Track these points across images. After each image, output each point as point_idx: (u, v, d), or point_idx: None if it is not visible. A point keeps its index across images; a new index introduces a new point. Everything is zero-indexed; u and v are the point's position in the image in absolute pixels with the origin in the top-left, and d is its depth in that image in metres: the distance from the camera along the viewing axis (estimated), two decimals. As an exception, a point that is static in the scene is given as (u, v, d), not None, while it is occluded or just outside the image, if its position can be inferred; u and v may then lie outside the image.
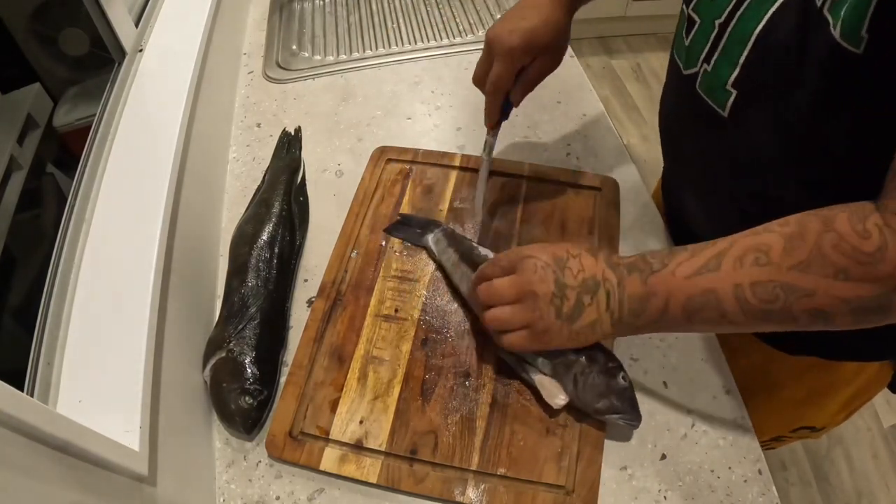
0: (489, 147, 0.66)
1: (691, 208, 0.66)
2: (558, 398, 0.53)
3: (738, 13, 0.46)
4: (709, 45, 0.50)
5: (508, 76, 0.60)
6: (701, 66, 0.51)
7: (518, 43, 0.58)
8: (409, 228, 0.70)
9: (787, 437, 0.78)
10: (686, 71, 0.54)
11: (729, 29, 0.48)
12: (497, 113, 0.63)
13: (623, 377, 0.52)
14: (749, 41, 0.46)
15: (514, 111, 0.64)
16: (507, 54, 0.58)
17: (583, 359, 0.53)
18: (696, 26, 0.52)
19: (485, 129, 0.84)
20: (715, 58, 0.49)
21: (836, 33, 0.38)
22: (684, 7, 0.54)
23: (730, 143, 0.52)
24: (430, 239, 0.68)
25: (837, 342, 0.59)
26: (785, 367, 0.65)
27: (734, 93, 0.49)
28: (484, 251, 0.63)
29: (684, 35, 0.54)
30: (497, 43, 0.58)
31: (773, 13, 0.44)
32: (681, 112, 0.59)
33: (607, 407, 0.52)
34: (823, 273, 0.38)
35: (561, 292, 0.48)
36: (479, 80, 0.62)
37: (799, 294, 0.39)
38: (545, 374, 0.54)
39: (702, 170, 0.59)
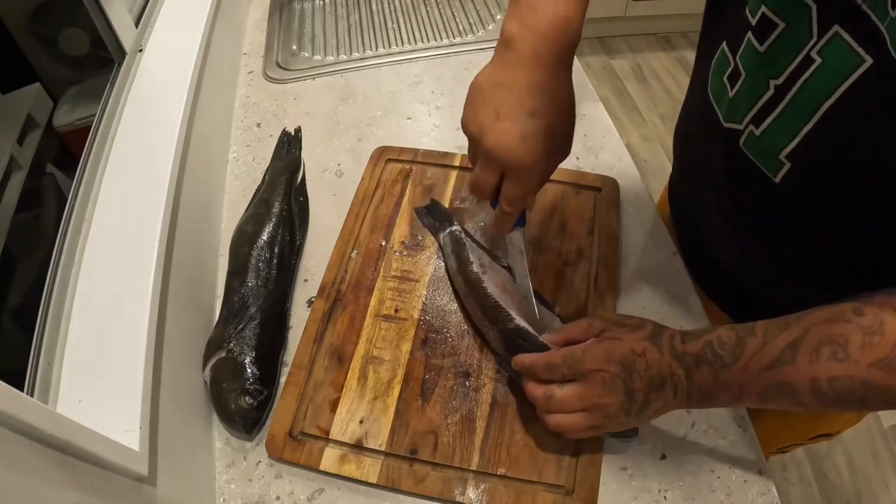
0: (518, 244, 0.57)
1: (711, 231, 0.63)
2: None
3: (803, 78, 0.40)
4: (759, 106, 0.44)
5: (531, 195, 0.50)
6: (747, 126, 0.46)
7: (541, 161, 0.47)
8: (430, 218, 0.71)
9: (803, 444, 0.78)
10: (727, 124, 0.49)
11: (790, 95, 0.42)
12: (511, 226, 0.53)
13: None
14: (815, 114, 0.40)
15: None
16: (526, 175, 0.47)
17: None
18: (742, 79, 0.46)
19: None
20: (768, 123, 0.44)
21: None
22: (726, 49, 0.47)
23: (776, 204, 0.49)
24: (440, 238, 0.68)
25: None
26: None
27: (788, 164, 0.44)
28: (477, 269, 0.62)
29: (727, 82, 0.48)
30: (510, 160, 0.46)
31: (848, 89, 0.38)
32: (715, 150, 0.53)
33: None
34: None
35: (630, 398, 0.47)
36: (486, 192, 0.50)
37: (877, 389, 0.38)
38: None
39: (734, 206, 0.55)
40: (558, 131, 0.47)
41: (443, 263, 0.67)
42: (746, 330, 0.44)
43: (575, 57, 0.95)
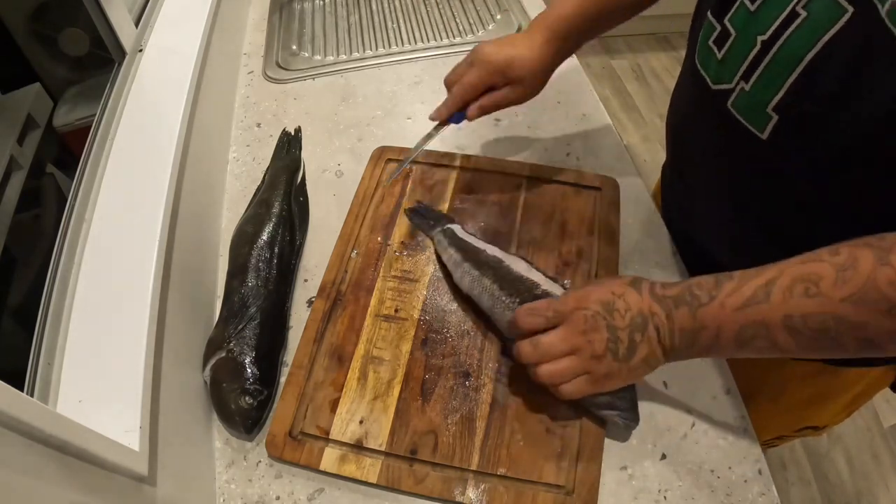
0: (427, 138, 0.69)
1: (699, 212, 0.65)
2: None
3: (787, 33, 0.43)
4: (748, 62, 0.46)
5: (477, 86, 0.63)
6: (737, 83, 0.48)
7: (498, 62, 0.61)
8: (422, 217, 0.71)
9: (790, 437, 0.79)
10: (716, 86, 0.51)
11: (775, 48, 0.44)
12: (448, 112, 0.66)
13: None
14: (798, 66, 0.43)
15: (468, 121, 0.66)
16: (484, 67, 0.62)
17: None
18: (732, 39, 0.48)
19: (485, 129, 0.84)
20: (755, 77, 0.46)
21: None
22: (711, 17, 0.50)
23: (765, 164, 0.50)
24: (436, 235, 0.68)
25: None
26: (789, 371, 0.65)
27: (775, 117, 0.46)
28: (485, 252, 0.62)
29: (713, 45, 0.50)
30: (480, 54, 0.62)
31: (832, 36, 0.40)
32: (704, 125, 0.56)
33: (607, 402, 0.52)
34: (876, 308, 0.38)
35: (614, 336, 0.48)
36: (451, 81, 0.65)
37: (850, 325, 0.39)
38: None
39: (724, 181, 0.57)
40: (518, 64, 0.62)
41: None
42: (725, 275, 0.45)
43: (575, 56, 0.95)
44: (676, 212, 0.71)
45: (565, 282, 0.61)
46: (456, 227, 0.67)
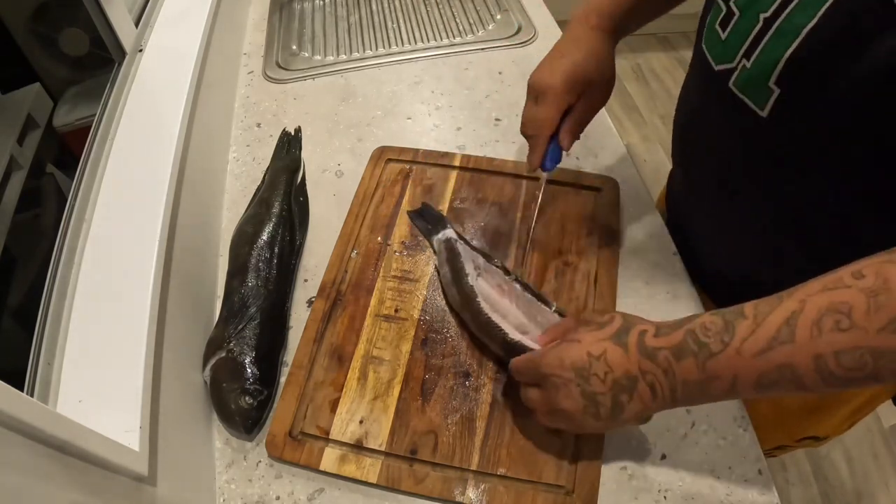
0: (541, 187, 0.64)
1: (701, 205, 0.64)
2: None
3: (789, 8, 0.43)
4: (750, 39, 0.46)
5: (551, 119, 0.56)
6: (739, 61, 0.48)
7: (560, 82, 0.55)
8: (423, 221, 0.70)
9: (791, 446, 0.78)
10: (718, 66, 0.50)
11: (777, 23, 0.44)
12: (540, 157, 0.58)
13: None
14: (799, 36, 0.42)
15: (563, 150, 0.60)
16: (548, 95, 0.56)
17: None
18: (736, 19, 0.48)
19: (485, 129, 0.84)
20: (756, 53, 0.46)
21: None
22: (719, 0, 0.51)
23: (768, 144, 0.49)
24: (434, 242, 0.68)
25: None
26: None
27: (777, 91, 0.45)
28: (472, 280, 0.61)
29: (718, 28, 0.50)
30: (539, 84, 0.56)
31: (829, 7, 0.40)
32: (707, 110, 0.56)
33: None
34: None
35: (593, 402, 0.45)
36: (525, 126, 0.59)
37: (891, 357, 0.35)
38: None
39: (725, 168, 0.56)
40: (581, 68, 0.57)
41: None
42: (734, 313, 0.40)
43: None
44: (679, 210, 0.71)
45: (553, 306, 0.59)
46: (453, 237, 0.66)
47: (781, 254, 0.56)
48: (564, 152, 0.59)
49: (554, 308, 0.59)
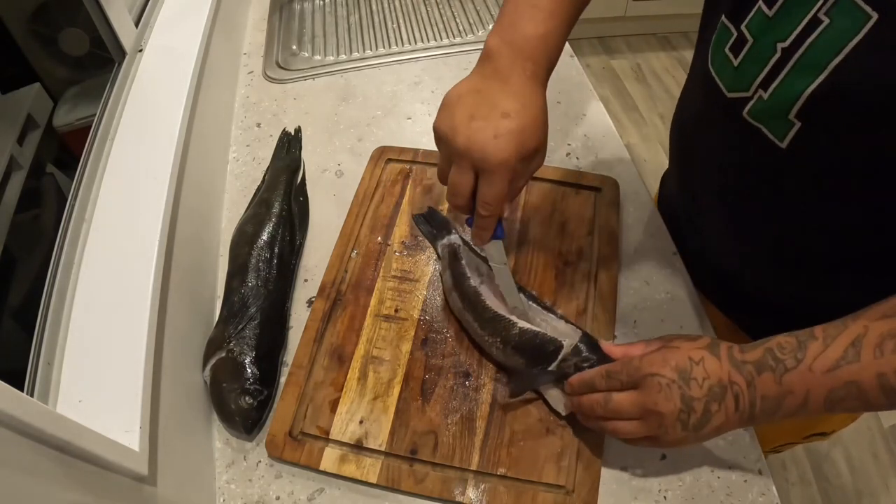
0: (498, 257, 0.56)
1: (705, 223, 0.63)
2: (563, 408, 0.54)
3: (809, 39, 0.41)
4: (768, 69, 0.44)
5: (505, 197, 0.48)
6: (755, 91, 0.46)
7: (513, 158, 0.46)
8: (428, 226, 0.70)
9: (798, 443, 0.78)
10: (731, 94, 0.49)
11: (797, 55, 0.42)
12: (492, 233, 0.52)
13: None
14: (824, 71, 0.41)
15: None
16: (500, 173, 0.46)
17: (587, 368, 0.52)
18: (749, 46, 0.46)
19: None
20: (775, 85, 0.44)
21: None
22: (726, 21, 0.48)
23: (782, 174, 0.48)
24: (439, 248, 0.67)
25: None
26: None
27: (797, 124, 0.44)
28: (475, 282, 0.60)
29: (729, 53, 0.48)
30: (486, 160, 0.46)
31: (855, 46, 0.39)
32: (716, 133, 0.54)
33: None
34: None
35: (688, 407, 0.45)
36: (462, 196, 0.48)
37: None
38: (551, 383, 0.54)
39: (733, 192, 0.55)
40: (529, 135, 0.47)
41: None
42: (806, 334, 0.43)
43: (575, 57, 0.95)
44: (673, 209, 0.71)
45: (559, 312, 0.60)
46: (457, 243, 0.66)
47: (773, 264, 0.56)
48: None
49: (560, 315, 0.59)
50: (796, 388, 0.42)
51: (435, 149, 0.49)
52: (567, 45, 0.95)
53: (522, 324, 0.55)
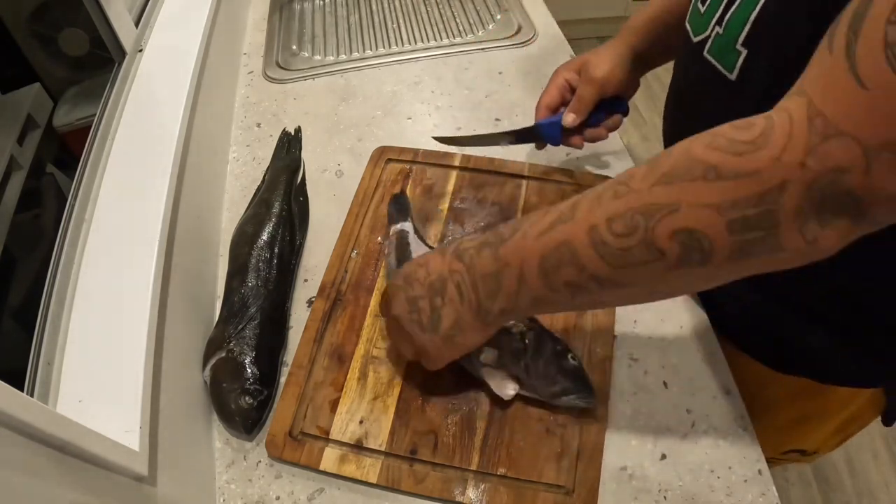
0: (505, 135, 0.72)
1: None
2: (508, 389, 0.54)
3: None
4: (722, 7, 0.48)
5: (548, 92, 0.67)
6: (713, 29, 0.49)
7: (561, 66, 0.66)
8: (393, 207, 0.70)
9: (777, 460, 0.76)
10: (696, 37, 0.52)
11: None
12: (540, 116, 0.69)
13: (572, 357, 0.53)
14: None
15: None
16: (551, 77, 0.67)
17: (529, 346, 0.53)
18: None
19: (485, 129, 0.84)
20: (727, 18, 0.47)
21: None
22: None
23: (738, 109, 0.49)
24: (390, 231, 0.67)
25: (828, 362, 0.59)
26: (777, 388, 0.63)
27: (744, 52, 0.46)
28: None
29: (698, 3, 0.52)
30: (588, 69, 0.64)
31: None
32: (689, 83, 0.57)
33: (561, 390, 0.52)
34: (689, 177, 0.31)
35: (413, 306, 0.46)
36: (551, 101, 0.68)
37: (661, 213, 0.31)
38: (492, 367, 0.54)
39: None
40: (581, 58, 0.68)
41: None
42: (541, 210, 0.40)
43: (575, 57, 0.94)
44: None
45: None
46: (407, 230, 0.66)
47: None
48: (565, 126, 0.66)
49: None
50: (511, 258, 0.39)
51: (434, 149, 0.52)
52: (567, 45, 0.96)
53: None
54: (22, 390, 0.39)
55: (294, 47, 1.00)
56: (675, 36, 0.62)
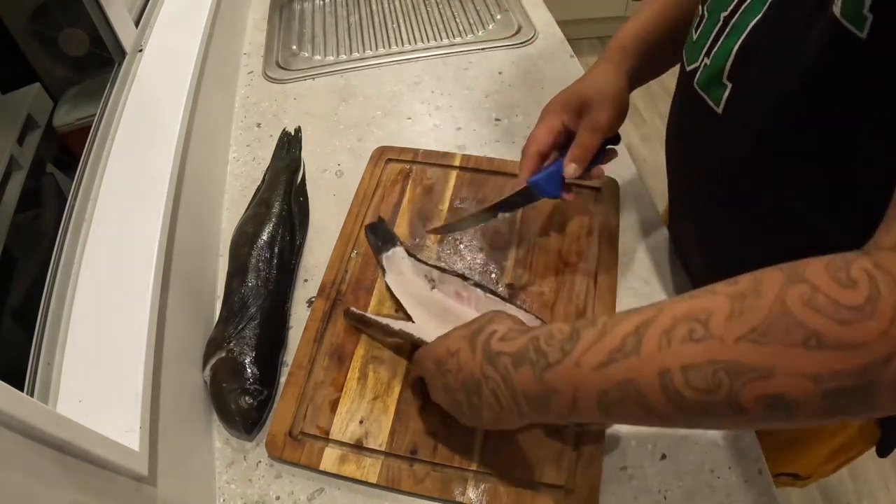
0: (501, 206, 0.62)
1: (686, 222, 0.64)
2: None
3: (744, 5, 0.45)
4: (711, 38, 0.48)
5: (540, 135, 0.57)
6: (702, 60, 0.49)
7: (555, 102, 0.58)
8: (374, 237, 0.69)
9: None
10: (688, 67, 0.52)
11: (733, 21, 0.46)
12: (525, 171, 0.58)
13: None
14: (746, 29, 0.44)
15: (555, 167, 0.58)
16: (543, 115, 0.58)
17: None
18: (704, 21, 0.50)
19: (485, 129, 0.84)
20: (715, 49, 0.47)
21: (837, 10, 0.33)
22: (700, 6, 0.52)
23: (726, 146, 0.49)
24: (381, 259, 0.67)
25: None
26: None
27: (729, 86, 0.46)
28: (424, 284, 0.63)
29: (692, 31, 0.52)
30: (543, 110, 0.59)
31: (773, 1, 0.41)
32: (682, 116, 0.57)
33: None
34: (787, 340, 0.27)
35: (452, 398, 0.45)
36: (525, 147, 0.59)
37: (750, 376, 0.28)
38: None
39: (704, 177, 0.55)
40: (577, 91, 0.57)
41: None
42: (587, 321, 0.35)
43: (575, 57, 0.95)
44: (673, 212, 0.71)
45: (518, 303, 0.61)
46: (401, 255, 0.66)
47: (727, 263, 0.54)
48: (568, 178, 0.57)
49: (519, 305, 0.60)
50: (560, 386, 0.35)
51: (434, 148, 0.51)
52: (567, 45, 0.96)
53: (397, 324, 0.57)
54: (22, 390, 0.39)
55: (294, 47, 1.00)
56: (666, 52, 0.61)
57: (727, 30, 0.46)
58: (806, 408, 0.28)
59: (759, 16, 0.43)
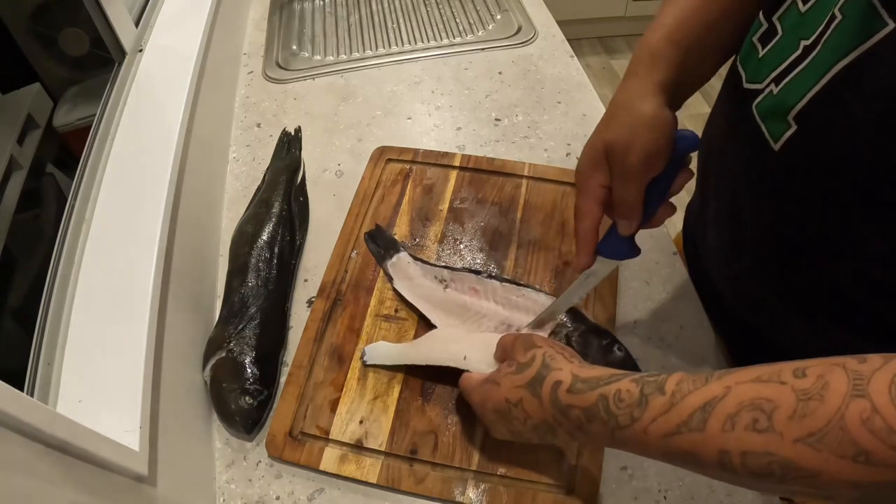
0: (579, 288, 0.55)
1: (709, 236, 0.61)
2: None
3: (825, 38, 0.39)
4: (785, 64, 0.42)
5: (586, 208, 0.49)
6: (768, 85, 0.44)
7: (585, 165, 0.48)
8: (374, 244, 0.69)
9: None
10: (747, 84, 0.47)
11: (813, 54, 0.40)
12: (584, 254, 0.51)
13: (618, 348, 0.54)
14: (828, 73, 0.38)
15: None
16: (579, 184, 0.49)
17: (576, 348, 0.54)
18: (777, 38, 0.44)
19: (485, 129, 0.84)
20: (787, 80, 0.42)
21: None
22: (761, 16, 0.46)
23: (772, 185, 0.45)
24: (386, 266, 0.67)
25: None
26: None
27: (794, 127, 0.42)
28: (435, 284, 0.63)
29: (757, 42, 0.46)
30: (577, 175, 0.49)
31: (868, 49, 0.36)
32: (728, 125, 0.52)
33: None
34: (839, 452, 0.29)
35: (521, 437, 0.47)
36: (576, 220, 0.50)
37: (800, 473, 0.31)
38: None
39: (736, 199, 0.52)
40: (607, 140, 0.46)
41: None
42: (655, 385, 0.37)
43: (575, 57, 0.95)
44: (693, 220, 0.68)
45: (535, 286, 0.62)
46: (406, 260, 0.66)
47: (754, 285, 0.54)
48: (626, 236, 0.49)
49: (538, 287, 0.61)
50: (630, 444, 0.39)
51: (434, 148, 0.51)
52: (567, 45, 0.96)
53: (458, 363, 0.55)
54: (22, 390, 0.39)
55: (294, 47, 1.00)
56: (710, 55, 0.51)
57: (806, 62, 0.41)
58: (841, 499, 0.32)
59: (847, 60, 0.37)
